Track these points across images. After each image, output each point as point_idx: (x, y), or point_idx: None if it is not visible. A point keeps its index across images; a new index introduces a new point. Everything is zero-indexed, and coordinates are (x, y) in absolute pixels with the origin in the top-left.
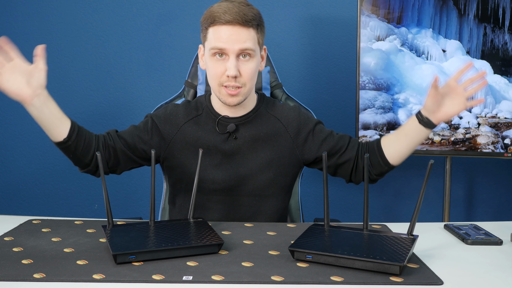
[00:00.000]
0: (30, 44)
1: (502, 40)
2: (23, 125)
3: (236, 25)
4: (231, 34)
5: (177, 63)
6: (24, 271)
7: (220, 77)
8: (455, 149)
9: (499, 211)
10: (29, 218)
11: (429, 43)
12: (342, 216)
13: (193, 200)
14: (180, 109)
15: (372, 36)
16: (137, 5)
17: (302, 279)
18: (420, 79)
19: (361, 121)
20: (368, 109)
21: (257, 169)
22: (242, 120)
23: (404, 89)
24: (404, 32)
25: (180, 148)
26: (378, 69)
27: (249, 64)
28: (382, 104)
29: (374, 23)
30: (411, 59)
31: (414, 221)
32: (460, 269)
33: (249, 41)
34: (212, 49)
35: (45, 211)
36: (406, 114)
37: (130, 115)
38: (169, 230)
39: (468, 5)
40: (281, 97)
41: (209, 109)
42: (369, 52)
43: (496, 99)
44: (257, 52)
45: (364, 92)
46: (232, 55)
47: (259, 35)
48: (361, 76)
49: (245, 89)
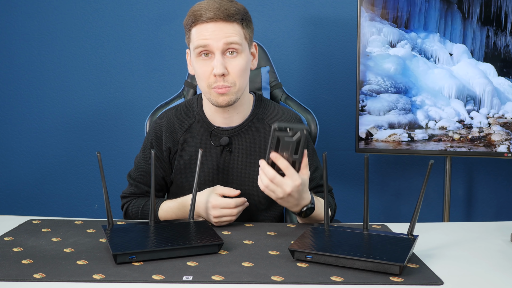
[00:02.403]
0: (30, 44)
1: (504, 42)
2: (23, 125)
3: (219, 21)
4: (214, 30)
5: (177, 63)
6: (24, 271)
7: (208, 78)
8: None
9: (499, 211)
10: (29, 218)
11: (437, 47)
12: (342, 216)
13: (193, 200)
14: (173, 122)
15: (386, 41)
16: (137, 5)
17: (302, 279)
18: (433, 83)
19: (387, 121)
20: (392, 111)
21: (251, 185)
22: (237, 131)
23: (420, 92)
24: (414, 37)
25: (178, 164)
26: (397, 74)
27: (237, 60)
28: (403, 106)
29: (387, 29)
30: (424, 64)
31: (414, 221)
32: (460, 269)
33: (233, 36)
34: (196, 49)
35: (45, 211)
36: (423, 115)
37: (130, 115)
38: (169, 230)
39: (472, 9)
40: (280, 97)
41: (201, 118)
42: (387, 58)
43: (501, 100)
44: (244, 47)
45: (388, 95)
46: (218, 51)
47: (245, 30)
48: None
49: (235, 88)
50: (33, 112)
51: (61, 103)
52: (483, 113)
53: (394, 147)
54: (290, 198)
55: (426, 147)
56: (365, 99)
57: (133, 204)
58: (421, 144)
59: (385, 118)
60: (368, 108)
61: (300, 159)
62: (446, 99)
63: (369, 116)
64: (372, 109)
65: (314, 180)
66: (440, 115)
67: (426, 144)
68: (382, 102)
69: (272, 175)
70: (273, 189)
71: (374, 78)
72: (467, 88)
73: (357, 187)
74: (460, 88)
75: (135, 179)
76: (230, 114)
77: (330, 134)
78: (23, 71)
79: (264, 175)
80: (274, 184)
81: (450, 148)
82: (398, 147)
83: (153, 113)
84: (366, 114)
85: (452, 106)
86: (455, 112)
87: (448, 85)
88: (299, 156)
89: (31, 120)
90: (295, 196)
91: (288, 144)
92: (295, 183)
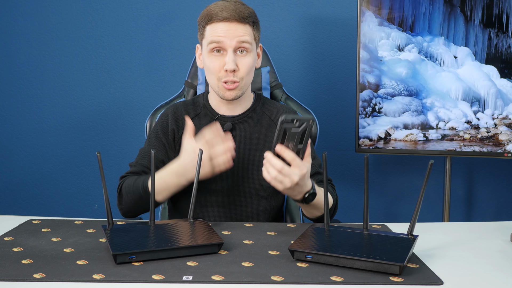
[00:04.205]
0: (30, 44)
1: (505, 44)
2: (23, 125)
3: (233, 22)
4: (228, 29)
5: (177, 63)
6: (24, 271)
7: (218, 72)
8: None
9: (499, 211)
10: (29, 218)
11: (442, 50)
12: (342, 216)
13: (193, 200)
14: (180, 110)
15: (394, 45)
16: (137, 5)
17: (302, 279)
18: (441, 86)
19: (402, 122)
20: (406, 112)
21: (253, 170)
22: (239, 119)
23: (429, 95)
24: (420, 41)
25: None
26: (408, 78)
27: (246, 59)
28: (416, 107)
29: (396, 34)
30: (432, 68)
31: (414, 221)
32: (460, 269)
33: (246, 35)
34: (210, 44)
35: (45, 211)
36: (434, 116)
37: (130, 115)
38: (169, 230)
39: (474, 11)
40: (281, 97)
41: (207, 108)
42: (399, 63)
43: (504, 102)
44: (253, 47)
45: (401, 98)
46: (230, 49)
47: (255, 31)
48: (397, 84)
49: (242, 83)
50: (33, 112)
51: (61, 103)
52: (488, 114)
53: (411, 146)
54: (297, 186)
55: (439, 147)
56: (381, 101)
57: (128, 180)
58: (436, 144)
59: (400, 119)
60: (384, 110)
61: (304, 148)
62: (453, 101)
63: (386, 118)
64: (388, 111)
65: (313, 168)
66: (449, 116)
67: (439, 144)
68: (397, 104)
69: (280, 167)
70: (281, 179)
71: (389, 82)
72: (472, 90)
73: (357, 187)
74: (466, 91)
75: (136, 161)
76: (234, 105)
77: (330, 134)
78: (23, 71)
79: (271, 167)
80: (282, 174)
81: (464, 147)
82: (415, 146)
83: (153, 113)
84: (383, 115)
85: (459, 107)
86: (462, 113)
87: (455, 88)
88: (304, 145)
89: (31, 120)
90: (300, 184)
91: (294, 135)
92: (302, 172)
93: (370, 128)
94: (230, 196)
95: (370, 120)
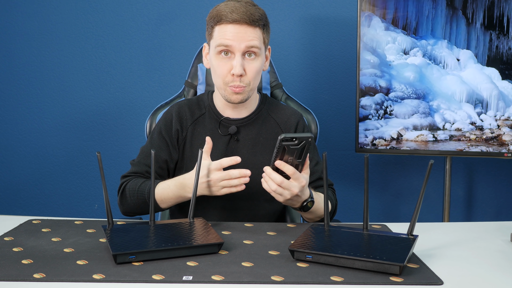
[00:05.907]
0: (30, 44)
1: (506, 46)
2: (23, 125)
3: (243, 24)
4: (238, 32)
5: (177, 63)
6: (24, 271)
7: (225, 76)
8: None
9: (499, 211)
10: (29, 218)
11: (445, 53)
12: (342, 216)
13: (193, 200)
14: (185, 109)
15: (400, 49)
16: (137, 5)
17: (302, 279)
18: (446, 88)
19: (412, 123)
20: (415, 114)
21: (256, 174)
22: (244, 122)
23: (435, 97)
24: (424, 44)
25: (188, 150)
26: (415, 81)
27: (255, 63)
28: (423, 110)
29: (401, 38)
30: (437, 71)
31: (414, 221)
32: (460, 269)
33: (255, 40)
34: (218, 47)
35: (45, 211)
36: (440, 118)
37: (130, 115)
38: (169, 230)
39: (476, 14)
40: (281, 97)
41: (212, 109)
42: (407, 67)
43: (505, 103)
44: (262, 51)
45: (410, 101)
46: (238, 53)
47: (265, 35)
48: (406, 88)
49: (249, 87)
50: (33, 112)
51: (61, 103)
52: (491, 116)
53: (422, 146)
54: (296, 197)
55: (447, 147)
56: (392, 104)
57: (132, 182)
58: (444, 143)
59: (410, 121)
60: (395, 112)
61: (303, 162)
62: (458, 103)
63: (396, 119)
64: (398, 113)
65: (316, 173)
66: (454, 118)
67: (448, 144)
68: (407, 107)
69: (280, 181)
70: (281, 192)
71: (398, 86)
72: (475, 92)
73: (357, 187)
74: (470, 93)
75: (138, 160)
76: (239, 108)
77: (330, 134)
78: (23, 71)
79: (271, 181)
80: (281, 188)
81: (471, 147)
82: (426, 146)
83: (153, 113)
84: (394, 117)
85: (463, 109)
86: (467, 115)
87: (460, 90)
88: (303, 159)
89: (31, 120)
90: (300, 194)
91: (294, 150)
92: (301, 184)
93: (383, 129)
94: (232, 199)
95: (382, 121)
